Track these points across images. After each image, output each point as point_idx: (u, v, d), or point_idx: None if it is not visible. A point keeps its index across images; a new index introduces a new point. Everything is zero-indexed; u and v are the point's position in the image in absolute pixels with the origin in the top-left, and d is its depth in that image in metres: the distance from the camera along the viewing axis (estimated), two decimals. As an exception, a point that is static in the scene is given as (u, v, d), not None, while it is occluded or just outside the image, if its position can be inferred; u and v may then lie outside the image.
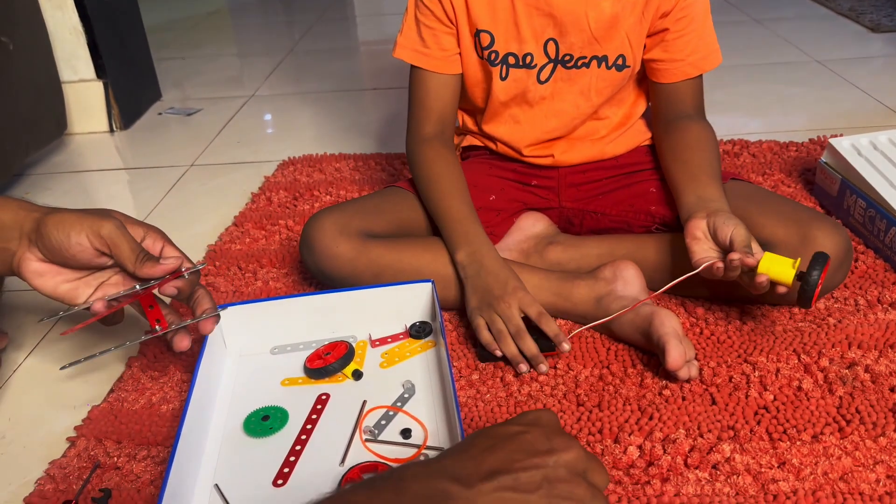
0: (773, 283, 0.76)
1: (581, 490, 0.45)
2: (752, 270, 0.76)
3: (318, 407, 0.76)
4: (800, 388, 0.75)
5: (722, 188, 0.85)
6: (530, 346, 0.79)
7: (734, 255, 0.74)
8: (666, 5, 0.89)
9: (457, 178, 0.93)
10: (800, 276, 0.74)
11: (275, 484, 0.67)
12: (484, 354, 0.83)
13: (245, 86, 1.97)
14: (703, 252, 0.79)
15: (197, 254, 1.11)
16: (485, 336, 0.81)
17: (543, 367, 0.80)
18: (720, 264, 0.76)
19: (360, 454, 0.69)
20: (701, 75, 0.94)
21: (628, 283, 0.87)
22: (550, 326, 0.80)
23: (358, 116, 1.67)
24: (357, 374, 0.80)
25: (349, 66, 2.11)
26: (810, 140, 1.30)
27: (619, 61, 0.92)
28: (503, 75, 0.94)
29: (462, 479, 0.43)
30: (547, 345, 0.81)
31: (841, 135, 1.27)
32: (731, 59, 1.82)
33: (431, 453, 0.69)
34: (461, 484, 0.43)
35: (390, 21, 0.91)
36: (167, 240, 0.71)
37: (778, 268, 0.75)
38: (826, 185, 1.09)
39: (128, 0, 1.77)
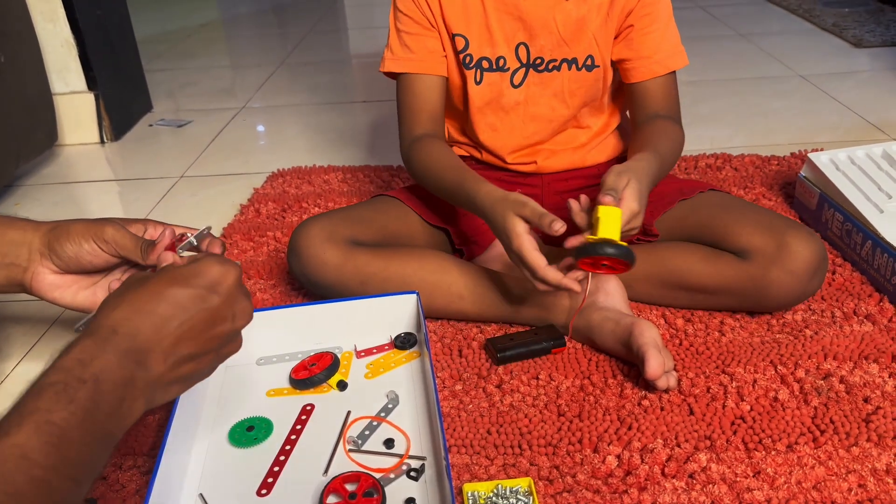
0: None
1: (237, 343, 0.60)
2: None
3: (303, 417, 0.77)
4: (776, 399, 0.77)
5: (653, 159, 0.84)
6: (548, 274, 0.78)
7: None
8: (630, 3, 0.92)
9: (450, 155, 0.94)
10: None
11: (259, 493, 0.68)
12: (503, 357, 0.85)
13: (237, 97, 1.98)
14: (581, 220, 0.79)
15: (185, 265, 1.12)
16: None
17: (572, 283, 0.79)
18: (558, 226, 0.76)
19: (344, 464, 0.70)
20: (673, 79, 0.96)
21: (609, 294, 0.89)
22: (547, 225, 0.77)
23: (348, 128, 1.69)
24: (342, 385, 0.81)
25: (340, 79, 2.12)
26: (791, 154, 1.33)
27: (588, 62, 0.95)
28: (478, 79, 0.96)
29: (149, 365, 0.52)
30: (557, 342, 0.85)
31: (822, 149, 1.30)
32: (716, 73, 1.85)
33: (414, 463, 0.70)
34: (146, 369, 0.52)
35: (381, 34, 0.93)
36: (165, 224, 0.73)
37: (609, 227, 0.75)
38: (805, 198, 1.11)
39: (120, 12, 1.78)
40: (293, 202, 1.29)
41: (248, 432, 0.74)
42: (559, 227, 0.75)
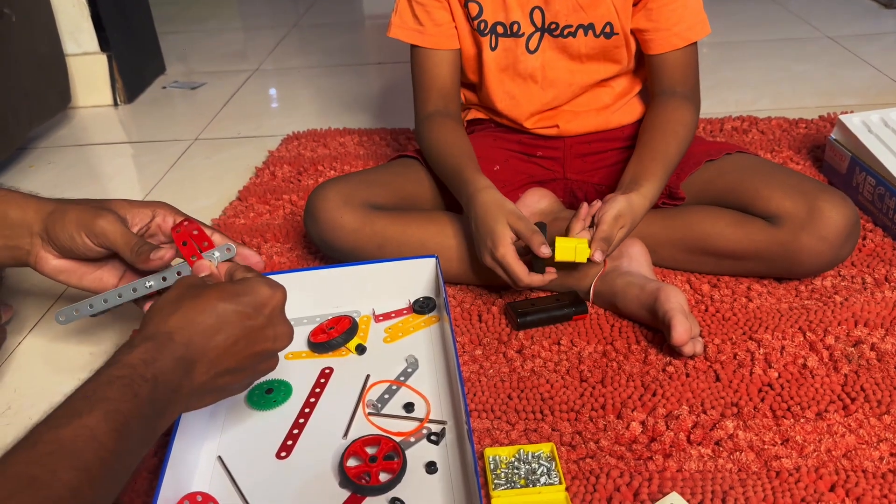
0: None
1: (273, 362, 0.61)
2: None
3: (322, 381, 0.76)
4: (804, 366, 0.75)
5: (661, 176, 0.84)
6: (532, 280, 0.80)
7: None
8: None
9: (456, 138, 0.93)
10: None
11: (278, 456, 0.67)
12: (522, 322, 0.83)
13: (249, 60, 1.95)
14: (579, 228, 0.82)
15: (201, 228, 1.11)
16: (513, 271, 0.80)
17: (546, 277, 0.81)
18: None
19: (363, 427, 0.69)
20: (693, 50, 0.93)
21: (633, 259, 0.87)
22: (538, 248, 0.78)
23: (362, 91, 1.66)
24: (360, 349, 0.80)
25: (354, 40, 2.09)
26: (820, 117, 1.29)
27: (607, 29, 0.91)
28: (493, 45, 0.93)
29: (194, 374, 0.54)
30: (579, 309, 0.84)
31: (852, 111, 1.26)
32: (741, 35, 1.80)
33: (434, 427, 0.69)
34: (191, 377, 0.54)
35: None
36: (177, 212, 0.70)
37: (569, 254, 0.79)
38: (835, 162, 1.08)
39: (131, -29, 1.75)
40: (309, 165, 1.28)
41: (268, 395, 0.74)
42: (546, 251, 0.77)
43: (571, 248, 0.79)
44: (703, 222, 0.88)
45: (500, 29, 0.93)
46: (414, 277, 0.87)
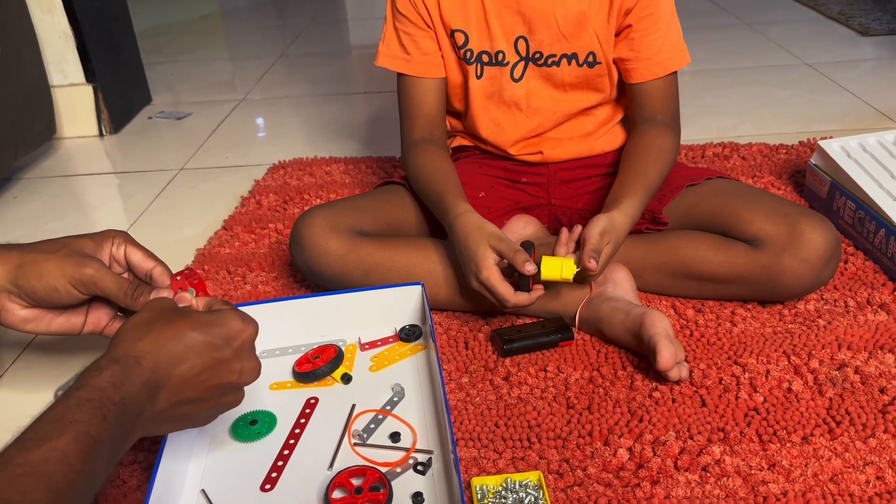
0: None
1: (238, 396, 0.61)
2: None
3: (307, 411, 0.75)
4: (790, 390, 0.75)
5: (642, 196, 0.85)
6: (520, 299, 0.80)
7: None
8: (628, 2, 0.90)
9: (440, 165, 0.93)
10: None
11: (262, 489, 0.66)
12: (509, 349, 0.83)
13: (236, 89, 1.96)
14: (563, 253, 0.83)
15: (186, 257, 1.11)
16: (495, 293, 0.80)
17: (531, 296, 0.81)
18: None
19: (349, 458, 0.69)
20: (674, 79, 0.95)
21: (618, 284, 0.87)
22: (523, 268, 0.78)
23: (349, 119, 1.67)
24: (346, 378, 0.80)
25: (340, 70, 2.10)
26: (800, 142, 1.31)
27: (590, 58, 0.93)
28: (479, 73, 0.95)
29: (157, 399, 0.54)
30: (565, 335, 0.84)
31: (831, 137, 1.28)
32: (722, 63, 1.83)
33: (421, 456, 0.68)
34: (154, 403, 0.54)
35: (382, 25, 0.91)
36: (130, 239, 0.70)
37: (555, 272, 0.79)
38: (816, 187, 1.09)
39: (118, 4, 1.76)
40: (295, 194, 1.28)
41: (252, 426, 0.73)
42: (531, 268, 0.77)
43: (557, 266, 0.79)
44: (687, 247, 0.88)
45: (485, 58, 0.94)
46: (400, 305, 0.87)
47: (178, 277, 0.68)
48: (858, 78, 1.66)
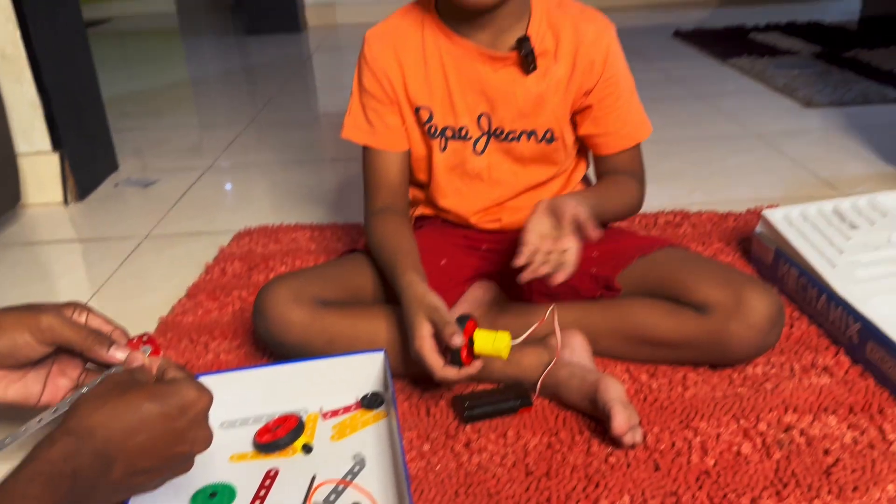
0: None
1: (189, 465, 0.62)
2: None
3: (267, 483, 0.75)
4: (739, 453, 0.77)
5: (595, 201, 0.90)
6: (447, 373, 0.81)
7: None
8: (588, 83, 0.96)
9: (400, 237, 0.96)
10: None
11: (220, 563, 0.66)
12: (469, 416, 0.84)
13: (205, 156, 1.99)
14: (536, 223, 0.83)
15: (148, 326, 1.11)
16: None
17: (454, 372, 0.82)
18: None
19: (308, 530, 0.69)
20: (638, 148, 1.02)
21: (575, 350, 0.90)
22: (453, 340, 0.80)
23: (316, 186, 1.70)
24: (307, 448, 0.80)
25: (309, 137, 2.15)
26: (748, 210, 1.37)
27: (548, 135, 0.98)
28: (443, 147, 0.99)
29: (111, 471, 0.54)
30: (524, 401, 0.85)
31: (777, 205, 1.34)
32: (675, 133, 1.91)
33: (380, 527, 0.69)
34: (108, 474, 0.54)
35: (350, 92, 0.95)
36: (92, 310, 0.71)
37: (489, 346, 0.81)
38: (761, 254, 1.14)
39: (87, 73, 1.79)
40: (259, 261, 1.29)
41: (211, 499, 0.73)
42: (457, 340, 0.79)
43: (490, 340, 0.81)
44: (639, 313, 0.92)
45: (449, 132, 0.99)
46: (362, 373, 0.88)
47: (135, 339, 0.69)
48: (803, 147, 1.74)
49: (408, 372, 0.93)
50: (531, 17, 0.94)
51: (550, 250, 0.81)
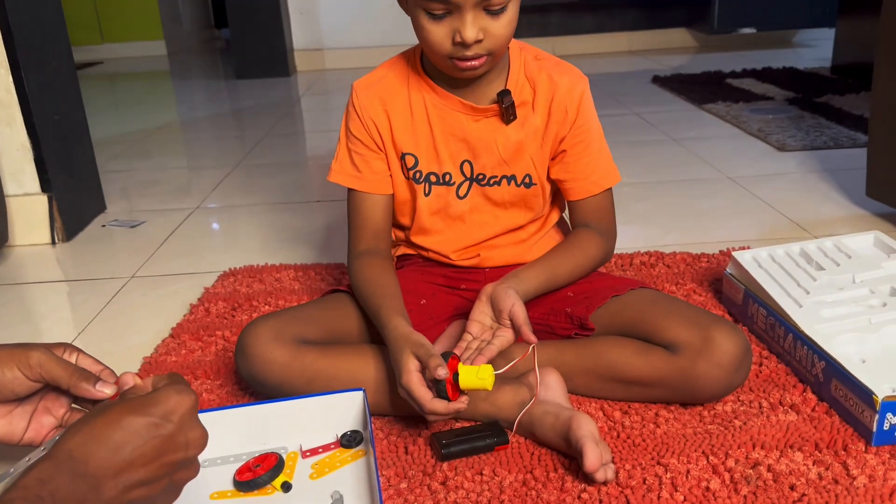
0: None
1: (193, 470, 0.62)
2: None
3: (246, 520, 0.77)
4: (707, 489, 0.79)
5: (540, 282, 0.96)
6: (435, 406, 0.82)
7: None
8: (562, 131, 1.01)
9: (384, 279, 0.99)
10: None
11: None
12: (447, 453, 0.86)
13: (192, 197, 2.02)
14: (479, 313, 0.91)
15: (132, 366, 1.12)
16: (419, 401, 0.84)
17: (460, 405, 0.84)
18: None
19: (285, 567, 0.70)
20: (608, 194, 1.06)
21: (550, 388, 0.92)
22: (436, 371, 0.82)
23: (302, 227, 1.73)
24: (286, 486, 0.81)
25: (296, 179, 2.18)
26: (720, 252, 1.41)
27: (527, 180, 1.03)
28: (427, 192, 1.03)
29: (102, 489, 0.54)
30: (501, 439, 0.87)
31: (749, 247, 1.38)
32: (652, 176, 1.97)
33: (356, 563, 0.70)
34: (98, 492, 0.54)
35: (337, 137, 0.99)
36: (81, 351, 0.73)
37: (473, 378, 0.83)
38: (732, 294, 1.18)
39: (77, 116, 1.83)
40: (243, 301, 1.31)
41: (189, 537, 0.74)
42: (443, 372, 0.81)
43: (474, 373, 0.83)
44: (611, 351, 0.94)
45: (433, 178, 1.03)
46: (341, 411, 0.90)
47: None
48: (776, 190, 1.80)
49: (387, 410, 0.95)
50: (510, 70, 0.99)
51: (487, 340, 0.88)
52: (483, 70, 0.93)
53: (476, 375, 0.83)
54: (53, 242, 1.69)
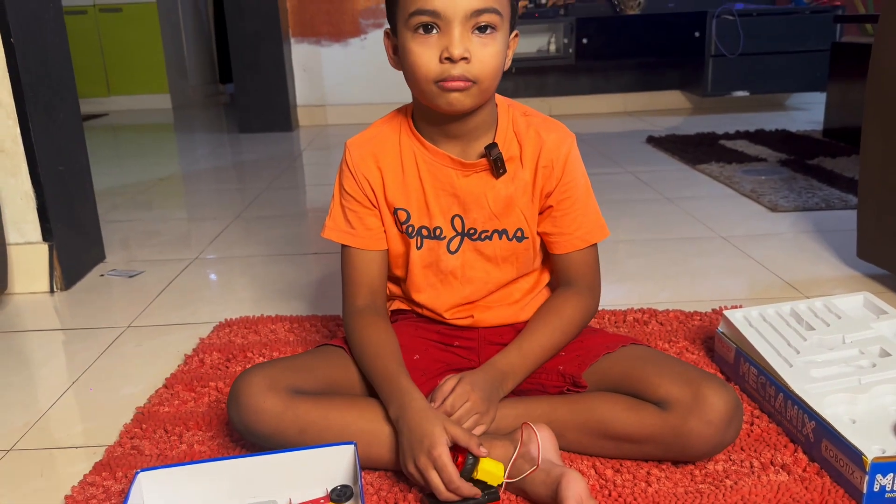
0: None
1: None
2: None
3: (232, 574, 0.76)
4: (698, 549, 0.79)
5: (520, 364, 0.99)
6: (462, 485, 0.83)
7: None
8: (548, 186, 1.03)
9: (387, 340, 1.00)
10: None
11: None
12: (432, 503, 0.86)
13: (191, 248, 2.04)
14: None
15: (125, 416, 1.12)
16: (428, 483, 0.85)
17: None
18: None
19: None
20: (593, 250, 1.07)
21: (542, 445, 0.92)
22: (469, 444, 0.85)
23: (298, 279, 1.75)
24: (274, 540, 0.81)
25: (294, 231, 2.21)
26: (713, 310, 1.42)
27: (518, 234, 1.04)
28: (419, 245, 1.05)
29: None
30: (491, 497, 0.87)
31: (741, 305, 1.40)
32: (644, 233, 2.00)
33: None
34: None
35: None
36: None
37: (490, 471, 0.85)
38: (723, 353, 1.18)
39: (81, 166, 1.86)
40: (238, 352, 1.32)
41: (174, 591, 0.73)
42: (485, 451, 0.84)
43: (490, 465, 0.85)
44: (602, 407, 0.95)
45: (425, 232, 1.04)
46: (332, 465, 0.89)
47: None
48: (768, 250, 1.82)
49: (378, 465, 0.94)
50: (498, 126, 1.02)
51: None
52: (469, 104, 0.92)
53: (491, 468, 0.85)
54: (52, 291, 1.70)
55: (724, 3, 4.06)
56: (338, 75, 4.32)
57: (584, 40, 4.06)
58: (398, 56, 0.96)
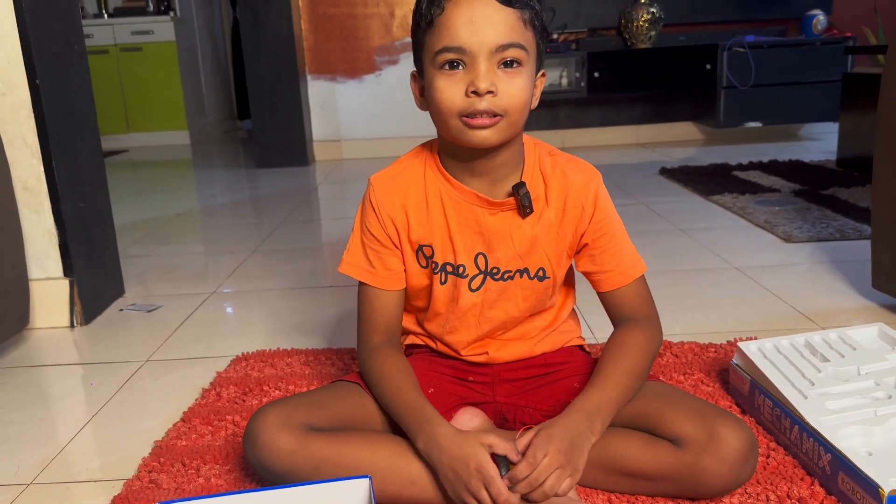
0: None
1: None
2: None
3: None
4: (715, 585, 0.78)
5: (604, 401, 0.94)
6: (511, 498, 0.84)
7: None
8: (581, 226, 1.03)
9: (405, 373, 1.00)
10: None
11: None
12: None
13: (208, 283, 2.06)
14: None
15: (143, 450, 1.13)
16: None
17: None
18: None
19: None
20: (641, 282, 1.07)
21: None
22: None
23: (314, 313, 1.76)
24: (289, 575, 0.81)
25: (310, 264, 2.23)
26: (728, 342, 1.42)
27: (540, 273, 1.04)
28: (443, 280, 1.05)
29: None
30: None
31: (755, 337, 1.39)
32: (660, 266, 2.00)
33: None
34: None
35: (351, 227, 1.03)
36: None
37: None
38: (738, 385, 1.18)
39: (102, 204, 1.90)
40: (254, 385, 1.33)
41: None
42: (519, 457, 0.87)
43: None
44: (618, 443, 0.94)
45: (448, 268, 1.04)
46: (346, 500, 0.89)
47: None
48: (782, 281, 1.82)
49: (394, 499, 0.94)
50: (525, 165, 1.02)
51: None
52: (497, 139, 0.91)
53: None
54: (72, 326, 1.73)
55: (735, 35, 4.10)
56: (353, 111, 4.39)
57: (596, 74, 4.10)
58: (425, 97, 0.97)
